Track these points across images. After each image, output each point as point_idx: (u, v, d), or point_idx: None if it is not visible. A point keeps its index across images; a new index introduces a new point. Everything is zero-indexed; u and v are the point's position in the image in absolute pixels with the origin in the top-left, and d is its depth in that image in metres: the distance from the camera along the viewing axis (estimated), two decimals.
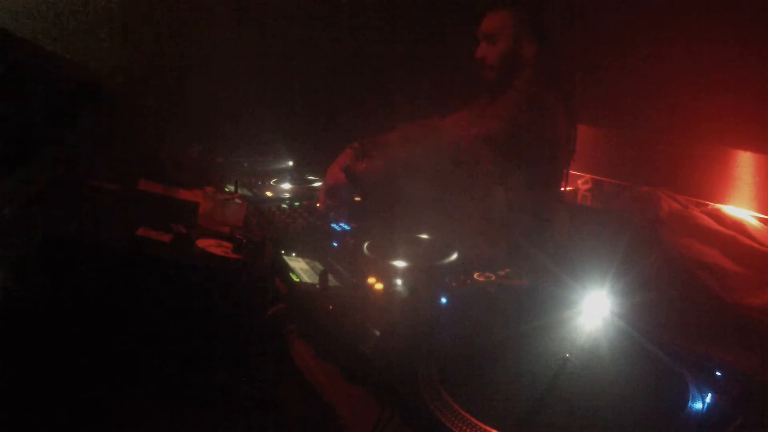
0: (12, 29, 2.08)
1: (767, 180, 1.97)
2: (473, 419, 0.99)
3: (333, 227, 2.02)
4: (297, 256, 1.77)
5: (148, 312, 1.41)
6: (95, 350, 1.37)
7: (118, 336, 1.39)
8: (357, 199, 2.35)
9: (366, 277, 1.57)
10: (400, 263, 1.69)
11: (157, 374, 1.42)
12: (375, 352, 1.24)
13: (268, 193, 2.43)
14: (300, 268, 1.68)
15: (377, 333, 1.31)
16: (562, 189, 2.27)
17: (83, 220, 1.50)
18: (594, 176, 2.53)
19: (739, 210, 2.01)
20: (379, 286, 1.54)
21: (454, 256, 1.77)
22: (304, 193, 2.50)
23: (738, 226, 1.89)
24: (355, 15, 2.92)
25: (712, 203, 2.09)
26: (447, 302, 1.47)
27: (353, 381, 1.25)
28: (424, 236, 1.94)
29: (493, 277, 1.61)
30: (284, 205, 2.18)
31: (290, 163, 2.93)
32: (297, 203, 2.23)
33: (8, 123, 1.83)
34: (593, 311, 1.38)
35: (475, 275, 1.62)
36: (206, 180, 2.21)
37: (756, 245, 1.81)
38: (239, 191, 2.16)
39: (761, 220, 1.94)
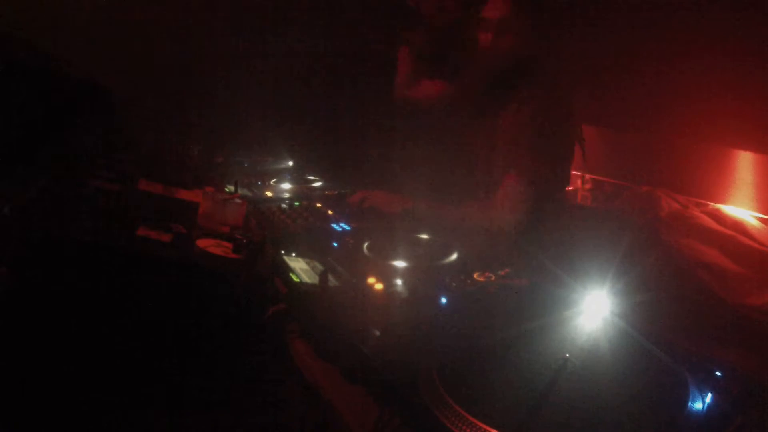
0: (12, 29, 2.08)
1: (767, 180, 1.97)
2: (473, 419, 0.99)
3: (333, 227, 2.02)
4: (297, 256, 1.77)
5: (148, 312, 1.41)
6: (95, 350, 1.37)
7: (118, 336, 1.39)
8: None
9: (366, 277, 1.56)
10: (400, 263, 1.68)
11: (157, 374, 1.42)
12: (375, 352, 1.24)
13: (268, 193, 2.43)
14: (300, 268, 1.68)
15: (377, 333, 1.31)
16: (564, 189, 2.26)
17: (83, 220, 1.50)
18: (594, 176, 2.53)
19: (739, 210, 2.01)
20: (379, 286, 1.53)
21: (454, 256, 1.76)
22: (304, 193, 2.49)
23: (738, 226, 1.89)
24: (356, 14, 2.91)
25: (712, 203, 2.09)
26: (447, 302, 1.47)
27: (353, 381, 1.25)
28: (424, 236, 1.94)
29: (493, 277, 1.61)
30: (284, 205, 2.18)
31: (290, 163, 2.92)
32: (297, 203, 2.23)
33: (8, 123, 1.83)
34: (593, 311, 1.38)
35: (475, 275, 1.62)
36: (206, 180, 2.21)
37: (756, 245, 1.81)
38: (239, 191, 2.16)
39: (761, 220, 1.94)
